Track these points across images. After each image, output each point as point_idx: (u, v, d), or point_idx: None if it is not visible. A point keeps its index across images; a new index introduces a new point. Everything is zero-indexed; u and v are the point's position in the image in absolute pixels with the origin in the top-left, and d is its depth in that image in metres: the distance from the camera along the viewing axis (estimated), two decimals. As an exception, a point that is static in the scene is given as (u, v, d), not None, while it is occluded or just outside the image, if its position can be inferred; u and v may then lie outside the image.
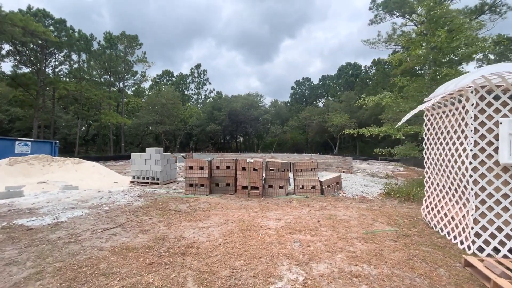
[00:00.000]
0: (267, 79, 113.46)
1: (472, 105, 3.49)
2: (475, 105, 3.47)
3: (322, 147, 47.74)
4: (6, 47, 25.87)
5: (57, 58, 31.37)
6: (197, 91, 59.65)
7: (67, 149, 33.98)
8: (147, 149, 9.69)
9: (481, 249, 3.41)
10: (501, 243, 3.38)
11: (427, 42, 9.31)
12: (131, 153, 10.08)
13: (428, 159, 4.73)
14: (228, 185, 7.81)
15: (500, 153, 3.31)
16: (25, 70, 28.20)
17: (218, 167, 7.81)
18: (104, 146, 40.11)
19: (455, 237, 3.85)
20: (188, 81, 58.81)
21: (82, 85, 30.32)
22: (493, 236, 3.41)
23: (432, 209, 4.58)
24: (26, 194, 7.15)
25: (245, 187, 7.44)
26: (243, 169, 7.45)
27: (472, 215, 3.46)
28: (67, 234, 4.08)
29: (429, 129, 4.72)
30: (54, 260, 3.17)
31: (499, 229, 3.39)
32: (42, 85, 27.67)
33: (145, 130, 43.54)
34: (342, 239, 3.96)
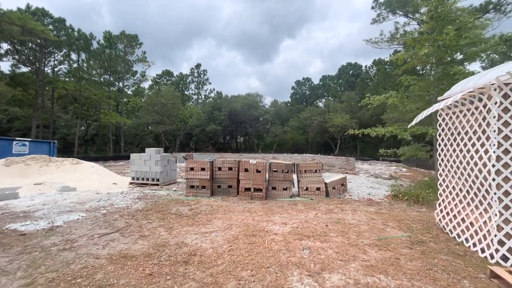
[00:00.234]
0: (267, 79, 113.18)
1: (495, 103, 3.26)
2: (498, 103, 3.24)
3: (322, 147, 47.52)
4: (4, 46, 25.59)
5: (56, 57, 31.06)
6: (197, 91, 59.47)
7: (66, 149, 33.69)
8: (147, 149, 9.43)
9: (505, 258, 3.18)
10: (527, 252, 3.15)
11: (433, 40, 9.10)
12: (131, 154, 9.82)
13: (442, 161, 4.49)
14: (230, 186, 7.59)
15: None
16: (24, 69, 27.90)
17: (220, 168, 7.59)
18: (103, 146, 39.84)
19: (474, 244, 3.62)
20: (188, 81, 58.57)
21: (81, 85, 30.03)
22: (518, 244, 3.18)
23: (447, 214, 4.35)
24: (22, 196, 6.92)
25: (248, 189, 7.21)
26: (246, 170, 7.23)
27: (495, 221, 3.23)
28: (62, 240, 3.85)
29: (443, 130, 4.48)
30: (46, 269, 2.96)
31: (524, 236, 3.16)
32: (41, 85, 27.39)
33: (145, 130, 43.28)
34: (353, 246, 3.73)
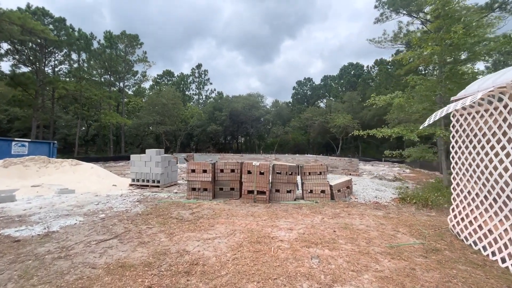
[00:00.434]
0: (268, 79, 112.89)
1: (517, 104, 3.06)
2: (521, 104, 3.04)
3: (323, 148, 47.26)
4: (4, 46, 25.43)
5: (57, 57, 30.89)
6: (198, 91, 59.33)
7: (66, 150, 33.57)
8: (147, 150, 9.23)
9: (529, 269, 2.97)
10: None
11: (440, 39, 8.88)
12: (131, 155, 9.62)
13: (456, 164, 4.27)
14: (232, 189, 7.39)
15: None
16: (24, 69, 27.73)
17: (222, 170, 7.40)
18: (104, 146, 39.67)
19: (493, 253, 3.41)
20: (189, 81, 58.43)
21: (82, 85, 29.87)
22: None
23: (462, 220, 4.14)
24: (18, 198, 6.74)
25: (250, 192, 7.01)
26: (249, 172, 7.02)
27: (518, 229, 3.03)
28: (57, 247, 3.66)
29: (457, 131, 4.28)
30: (39, 280, 2.77)
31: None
32: (41, 85, 27.24)
33: (145, 130, 43.13)
34: (365, 254, 3.53)
